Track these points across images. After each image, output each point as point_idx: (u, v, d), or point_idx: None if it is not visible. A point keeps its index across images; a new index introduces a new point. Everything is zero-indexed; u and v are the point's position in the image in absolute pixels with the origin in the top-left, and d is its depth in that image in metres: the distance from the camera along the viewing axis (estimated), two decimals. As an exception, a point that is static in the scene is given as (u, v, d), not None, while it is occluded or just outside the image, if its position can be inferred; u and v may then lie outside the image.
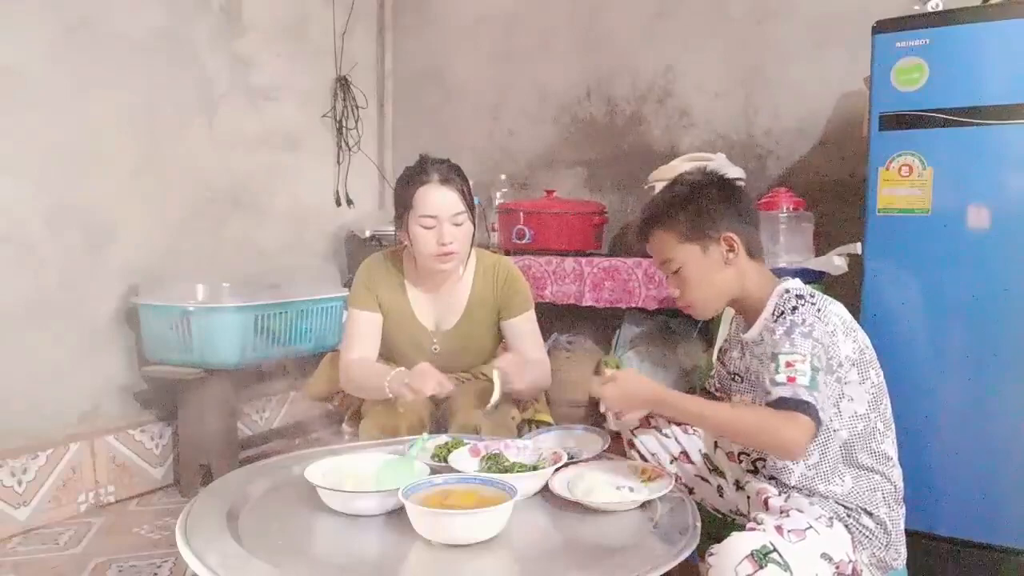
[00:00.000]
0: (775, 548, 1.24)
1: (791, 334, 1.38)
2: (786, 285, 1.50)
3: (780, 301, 1.46)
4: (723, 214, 1.52)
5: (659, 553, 1.28)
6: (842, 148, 2.65)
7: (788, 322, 1.39)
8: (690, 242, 1.52)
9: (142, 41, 2.74)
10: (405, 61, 3.74)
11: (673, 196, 1.55)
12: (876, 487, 1.43)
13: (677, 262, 1.53)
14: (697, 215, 1.51)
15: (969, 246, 1.86)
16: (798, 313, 1.40)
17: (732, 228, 1.51)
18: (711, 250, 1.51)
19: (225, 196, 3.08)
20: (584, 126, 3.28)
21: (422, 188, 1.91)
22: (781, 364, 1.35)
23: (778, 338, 1.39)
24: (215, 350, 2.57)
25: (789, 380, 1.33)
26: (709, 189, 1.54)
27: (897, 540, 1.44)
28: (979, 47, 1.83)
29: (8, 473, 2.39)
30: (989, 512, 1.86)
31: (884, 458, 1.45)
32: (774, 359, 1.37)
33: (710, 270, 1.52)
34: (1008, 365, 1.83)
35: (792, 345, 1.36)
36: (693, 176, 1.59)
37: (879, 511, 1.42)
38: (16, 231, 2.42)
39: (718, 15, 2.94)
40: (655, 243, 1.57)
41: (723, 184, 1.57)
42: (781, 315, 1.42)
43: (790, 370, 1.34)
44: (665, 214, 1.54)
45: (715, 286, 1.53)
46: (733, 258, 1.51)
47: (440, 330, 2.06)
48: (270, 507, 1.52)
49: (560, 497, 1.48)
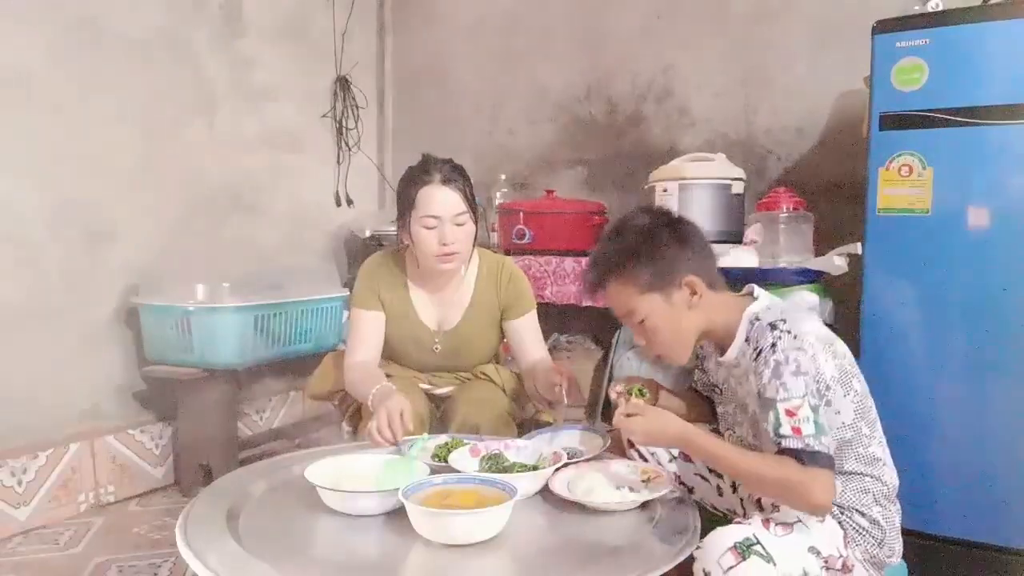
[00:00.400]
0: (758, 540, 1.25)
1: (780, 376, 1.33)
2: (754, 310, 1.45)
3: (754, 332, 1.42)
4: (680, 258, 1.46)
5: (659, 553, 1.29)
6: (842, 148, 2.65)
7: (772, 362, 1.35)
8: (651, 292, 1.45)
9: (142, 41, 2.74)
10: (405, 61, 3.74)
11: (625, 246, 1.47)
12: (867, 489, 1.43)
13: (640, 314, 1.47)
14: (654, 264, 1.45)
15: (969, 246, 1.86)
16: (779, 350, 1.35)
17: (691, 270, 1.46)
18: (674, 297, 1.46)
19: (225, 196, 3.08)
20: (584, 126, 3.28)
21: (424, 188, 1.90)
22: (781, 413, 1.31)
23: (767, 382, 1.34)
24: (215, 350, 2.57)
25: (795, 432, 1.29)
26: (661, 234, 1.47)
27: (891, 537, 1.44)
28: (979, 47, 1.83)
29: (8, 473, 2.39)
30: (989, 512, 1.86)
31: (872, 460, 1.44)
32: (770, 407, 1.32)
33: (676, 317, 1.47)
34: (1008, 365, 1.83)
35: (786, 390, 1.32)
36: (641, 220, 1.50)
37: (871, 511, 1.42)
38: (16, 231, 2.42)
39: (718, 15, 2.94)
40: (612, 297, 1.51)
41: (674, 225, 1.50)
42: (759, 352, 1.38)
43: (792, 420, 1.30)
44: (620, 266, 1.47)
45: (683, 331, 1.49)
46: (697, 300, 1.46)
47: (442, 330, 2.06)
48: (270, 507, 1.52)
49: (560, 497, 1.48)
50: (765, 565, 1.22)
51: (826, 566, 1.32)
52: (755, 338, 1.41)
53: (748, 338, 1.44)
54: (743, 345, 1.46)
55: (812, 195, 2.51)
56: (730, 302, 1.51)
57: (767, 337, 1.38)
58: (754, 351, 1.40)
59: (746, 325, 1.45)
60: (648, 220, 1.50)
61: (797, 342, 1.35)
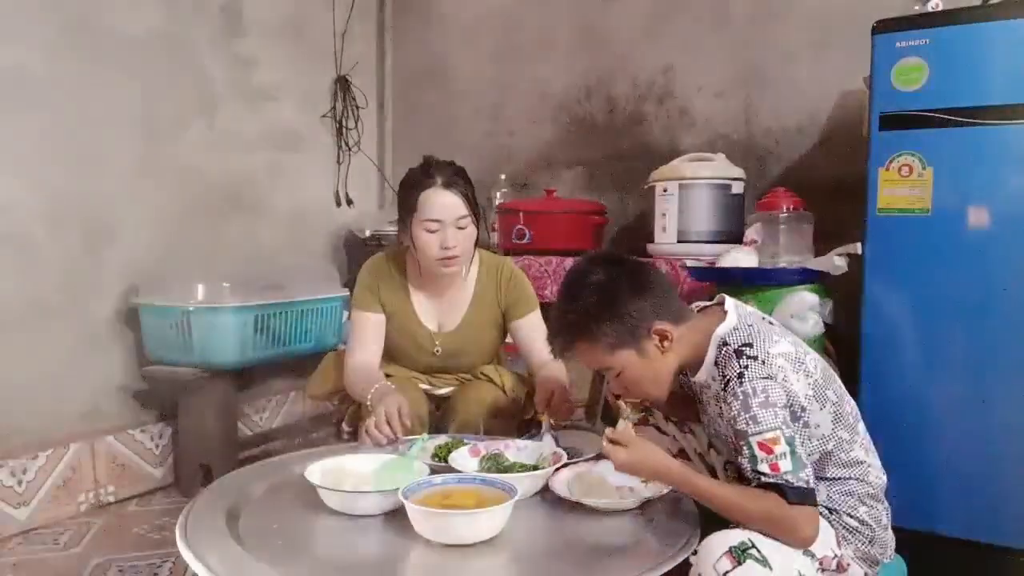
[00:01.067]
0: (754, 544, 1.25)
1: (748, 409, 1.31)
2: (721, 333, 1.42)
3: (723, 358, 1.39)
4: (644, 309, 1.41)
5: (659, 553, 1.29)
6: (842, 148, 2.65)
7: (740, 394, 1.32)
8: (621, 348, 1.42)
9: (142, 41, 2.73)
10: (405, 61, 3.74)
11: (585, 307, 1.42)
12: (851, 491, 1.43)
13: (615, 369, 1.45)
14: (620, 322, 1.40)
15: (969, 246, 1.86)
16: (746, 380, 1.33)
17: (658, 317, 1.42)
18: (645, 347, 1.42)
19: (225, 196, 3.08)
20: (584, 126, 3.28)
21: (426, 192, 1.90)
22: (755, 448, 1.29)
23: (736, 415, 1.33)
24: (215, 350, 2.57)
25: (773, 469, 1.28)
26: (620, 289, 1.42)
27: (882, 535, 1.44)
28: (979, 47, 1.82)
29: (8, 473, 2.39)
30: (989, 512, 1.86)
31: (854, 463, 1.44)
32: (743, 440, 1.31)
33: (650, 365, 1.44)
34: (1008, 365, 1.83)
35: (756, 423, 1.30)
36: (596, 277, 1.44)
37: (857, 511, 1.42)
38: (16, 231, 2.41)
39: (718, 15, 2.94)
40: (583, 356, 1.47)
41: (631, 275, 1.45)
42: (727, 382, 1.36)
43: (770, 457, 1.28)
44: (584, 328, 1.43)
45: (660, 375, 1.46)
46: (669, 345, 1.43)
47: (442, 331, 2.06)
48: (270, 507, 1.52)
49: (560, 497, 1.48)
50: (761, 569, 1.23)
51: (821, 567, 1.33)
52: (723, 364, 1.39)
53: (717, 362, 1.42)
54: (712, 368, 1.43)
55: (812, 195, 2.51)
56: (698, 327, 1.47)
57: (734, 366, 1.35)
58: (722, 379, 1.38)
59: (714, 350, 1.43)
60: (603, 275, 1.44)
61: (765, 369, 1.34)
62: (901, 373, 1.94)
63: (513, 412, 2.00)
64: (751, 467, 1.31)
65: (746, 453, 1.31)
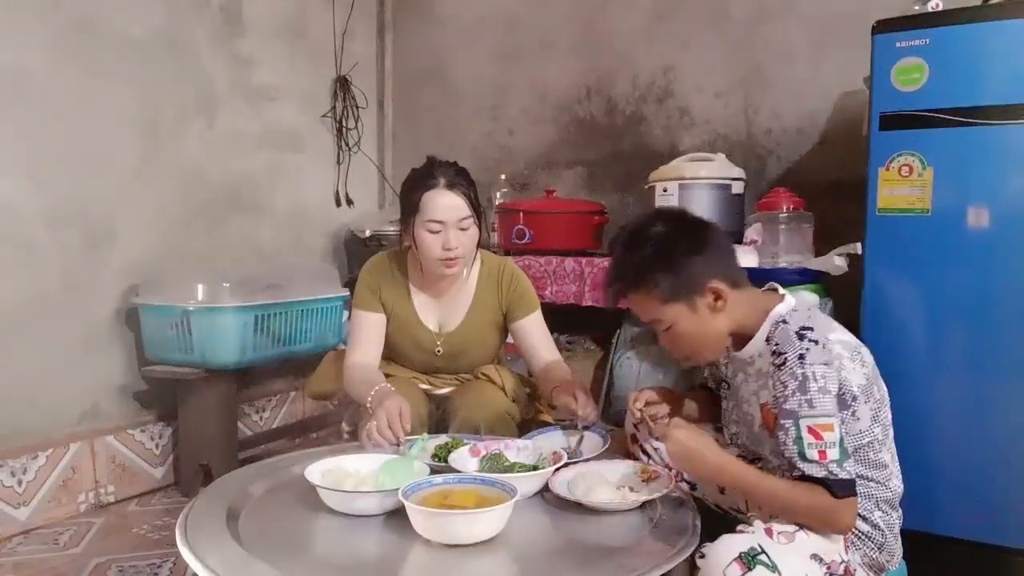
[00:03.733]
0: (763, 550, 1.24)
1: (806, 391, 1.31)
2: (780, 311, 1.43)
3: (778, 333, 1.40)
4: (701, 265, 1.42)
5: (659, 553, 1.29)
6: (842, 148, 2.65)
7: (799, 375, 1.32)
8: (674, 302, 1.43)
9: (142, 41, 2.74)
10: (405, 61, 3.74)
11: (643, 257, 1.44)
12: (871, 494, 1.43)
13: (665, 322, 1.46)
14: (675, 275, 1.42)
15: (969, 246, 1.86)
16: (807, 363, 1.32)
17: (714, 275, 1.43)
18: (698, 304, 1.43)
19: (225, 196, 3.08)
20: (584, 126, 3.28)
21: (428, 192, 1.90)
22: (803, 431, 1.29)
23: (789, 394, 1.32)
24: (215, 350, 2.57)
25: (820, 456, 1.28)
26: (679, 242, 1.44)
27: (891, 543, 1.44)
28: (979, 47, 1.83)
29: (8, 473, 2.39)
30: (989, 512, 1.86)
31: (880, 466, 1.44)
32: (792, 420, 1.31)
33: (702, 323, 1.44)
34: (1008, 365, 1.83)
35: (811, 406, 1.30)
36: (657, 228, 1.46)
37: (873, 515, 1.42)
38: (16, 231, 2.41)
39: (718, 15, 2.94)
40: (635, 306, 1.49)
41: (693, 231, 1.47)
42: (784, 360, 1.35)
43: (819, 443, 1.28)
44: (639, 278, 1.45)
45: (709, 336, 1.47)
46: (722, 305, 1.44)
47: (443, 332, 2.06)
48: (270, 507, 1.52)
49: (560, 497, 1.48)
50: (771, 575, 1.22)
51: (829, 572, 1.32)
52: (778, 341, 1.39)
53: (769, 338, 1.42)
54: (762, 344, 1.44)
55: (812, 195, 2.51)
56: (754, 299, 1.49)
57: (794, 345, 1.35)
58: (776, 355, 1.38)
59: (769, 325, 1.43)
60: (665, 228, 1.46)
61: (825, 355, 1.34)
62: (901, 373, 1.93)
63: (513, 412, 2.00)
64: (796, 450, 1.30)
65: (791, 434, 1.31)
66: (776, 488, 1.34)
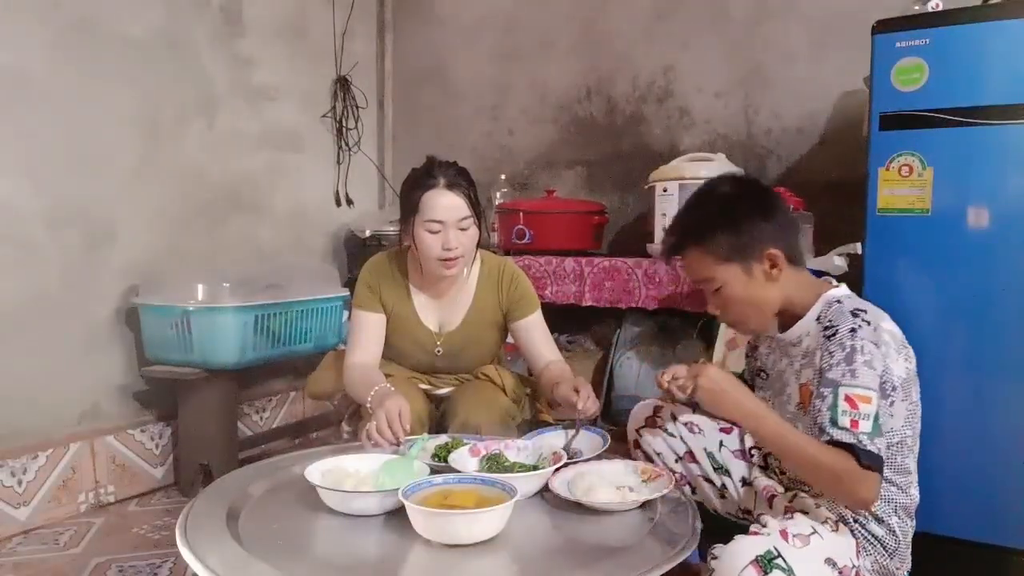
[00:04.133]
0: (780, 553, 1.24)
1: (852, 362, 1.31)
2: (835, 294, 1.44)
3: (832, 313, 1.40)
4: (763, 230, 1.43)
5: (659, 553, 1.29)
6: (842, 148, 2.65)
7: (848, 346, 1.33)
8: (731, 263, 1.43)
9: (142, 41, 2.73)
10: (405, 61, 3.74)
11: (707, 214, 1.46)
12: (891, 498, 1.42)
13: (717, 282, 1.45)
14: (736, 235, 1.42)
15: (969, 246, 1.86)
16: (858, 337, 1.33)
17: (773, 243, 1.43)
18: (754, 269, 1.43)
19: (225, 196, 3.08)
20: (584, 126, 3.28)
21: (428, 192, 1.90)
22: (840, 399, 1.29)
23: (835, 363, 1.33)
24: (215, 350, 2.57)
25: (852, 425, 1.28)
26: (745, 204, 1.44)
27: (903, 550, 1.44)
28: (979, 47, 1.82)
29: (8, 473, 2.39)
30: (989, 512, 1.86)
31: (904, 472, 1.43)
32: (831, 388, 1.31)
33: (754, 289, 1.44)
34: (1008, 365, 1.83)
35: (853, 376, 1.30)
36: (725, 188, 1.48)
37: (890, 519, 1.42)
38: (16, 231, 2.41)
39: (718, 15, 2.94)
40: (690, 262, 1.49)
41: (759, 196, 1.47)
42: (834, 332, 1.36)
43: (853, 412, 1.28)
44: (699, 233, 1.45)
45: (760, 304, 1.46)
46: (777, 274, 1.44)
47: (443, 331, 2.06)
48: (270, 507, 1.52)
49: (560, 497, 1.48)
50: None
51: None
52: (831, 317, 1.39)
53: (819, 317, 1.42)
54: (812, 324, 1.44)
55: (812, 195, 2.51)
56: (809, 281, 1.50)
57: (847, 320, 1.36)
58: (827, 328, 1.38)
59: (821, 306, 1.43)
60: (732, 189, 1.48)
61: (876, 335, 1.35)
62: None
63: (513, 412, 2.00)
64: (829, 416, 1.29)
65: (828, 400, 1.31)
66: (805, 443, 1.32)
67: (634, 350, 2.76)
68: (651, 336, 2.78)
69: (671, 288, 2.53)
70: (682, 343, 2.69)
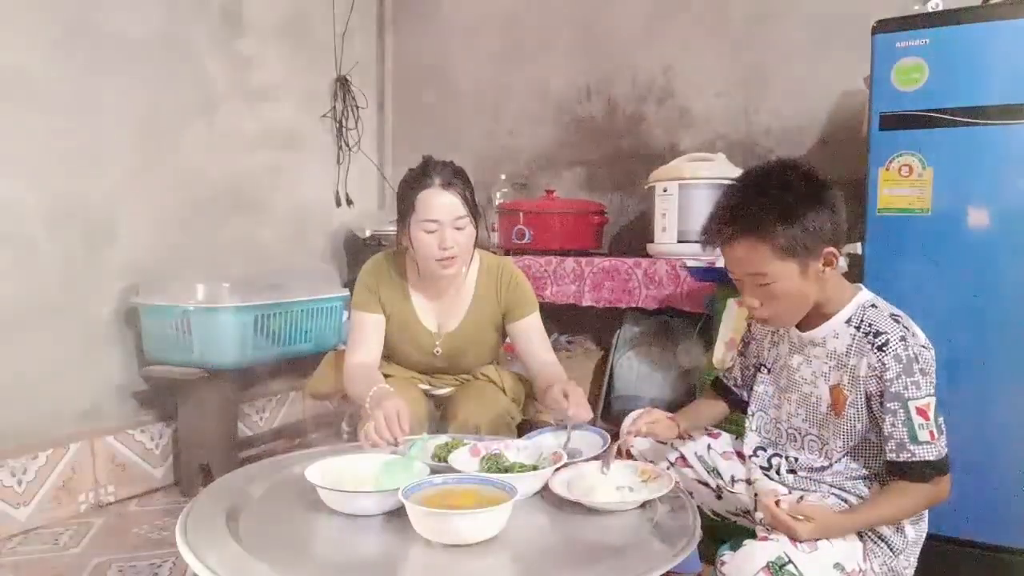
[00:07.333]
0: (790, 560, 1.24)
1: (911, 373, 1.32)
2: (868, 297, 1.43)
3: (868, 316, 1.39)
4: (826, 227, 1.36)
5: (659, 553, 1.28)
6: (842, 148, 2.65)
7: (904, 357, 1.32)
8: (789, 259, 1.35)
9: (142, 41, 2.73)
10: (405, 61, 3.74)
11: (770, 204, 1.35)
12: None
13: (769, 277, 1.37)
14: (801, 231, 1.34)
15: (969, 246, 1.86)
16: (910, 346, 1.33)
17: (833, 241, 1.37)
18: (809, 266, 1.37)
19: (225, 196, 3.08)
20: (584, 126, 3.28)
21: (424, 192, 1.90)
22: (912, 413, 1.31)
23: (895, 377, 1.33)
24: (215, 350, 2.57)
25: (931, 437, 1.32)
26: (809, 197, 1.35)
27: (911, 551, 1.44)
28: (979, 47, 1.83)
29: (8, 473, 2.39)
30: (989, 512, 1.86)
31: None
32: (900, 403, 1.32)
33: (803, 286, 1.38)
34: (1008, 365, 1.83)
35: (917, 388, 1.32)
36: (788, 178, 1.38)
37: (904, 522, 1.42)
38: (16, 231, 2.41)
39: (718, 15, 2.94)
40: (742, 251, 1.38)
41: (824, 189, 1.38)
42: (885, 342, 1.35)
43: (928, 423, 1.32)
44: (760, 225, 1.35)
45: (802, 302, 1.41)
46: (829, 273, 1.39)
47: (442, 332, 2.06)
48: (270, 507, 1.52)
49: (560, 497, 1.48)
50: None
51: None
52: (872, 322, 1.38)
53: (851, 319, 1.41)
54: (841, 326, 1.42)
55: (812, 195, 2.51)
56: (844, 282, 1.47)
57: (892, 328, 1.36)
58: (876, 335, 1.36)
59: (854, 307, 1.42)
60: (798, 179, 1.38)
61: (921, 340, 1.36)
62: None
63: (513, 412, 2.00)
64: (907, 432, 1.33)
65: (900, 416, 1.33)
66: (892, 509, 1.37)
67: (634, 350, 2.76)
68: (651, 336, 2.78)
69: (671, 288, 2.53)
70: (682, 343, 2.69)
